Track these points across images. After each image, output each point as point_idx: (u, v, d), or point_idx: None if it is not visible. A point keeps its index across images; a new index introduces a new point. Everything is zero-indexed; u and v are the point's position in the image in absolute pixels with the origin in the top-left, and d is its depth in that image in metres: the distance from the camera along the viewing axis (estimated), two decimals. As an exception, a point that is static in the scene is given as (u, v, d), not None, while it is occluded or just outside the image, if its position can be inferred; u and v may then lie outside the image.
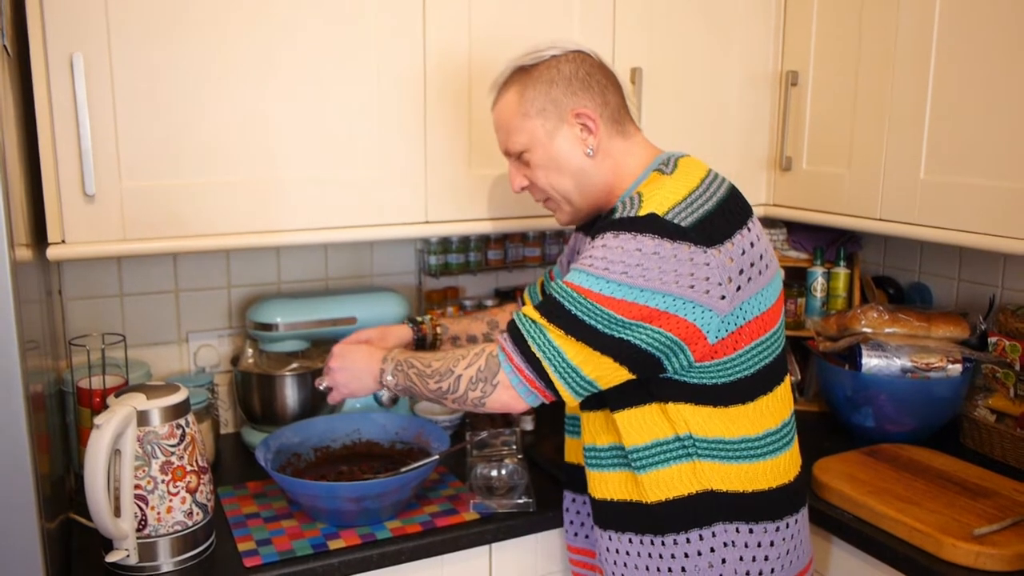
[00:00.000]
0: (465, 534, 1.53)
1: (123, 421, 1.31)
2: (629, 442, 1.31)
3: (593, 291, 1.21)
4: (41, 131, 1.39)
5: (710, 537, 1.30)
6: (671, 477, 1.30)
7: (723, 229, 1.23)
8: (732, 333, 1.24)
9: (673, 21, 1.86)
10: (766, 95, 1.99)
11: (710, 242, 1.21)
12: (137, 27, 1.43)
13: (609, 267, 1.20)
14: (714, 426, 1.29)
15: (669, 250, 1.19)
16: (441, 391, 1.32)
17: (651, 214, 1.22)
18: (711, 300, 1.21)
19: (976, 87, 1.56)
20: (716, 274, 1.21)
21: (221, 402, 1.98)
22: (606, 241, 1.23)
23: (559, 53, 1.36)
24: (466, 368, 1.29)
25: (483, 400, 1.28)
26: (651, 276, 1.19)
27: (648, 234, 1.20)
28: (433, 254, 2.07)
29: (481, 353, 1.29)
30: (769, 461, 1.32)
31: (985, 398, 1.86)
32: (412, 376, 1.35)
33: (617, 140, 1.37)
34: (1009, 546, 1.39)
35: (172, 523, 1.37)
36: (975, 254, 1.99)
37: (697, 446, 1.29)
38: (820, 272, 2.12)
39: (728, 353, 1.26)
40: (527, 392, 1.25)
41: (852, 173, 1.81)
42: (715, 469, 1.29)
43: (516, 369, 1.25)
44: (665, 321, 1.20)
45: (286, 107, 1.56)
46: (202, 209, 1.52)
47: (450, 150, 1.70)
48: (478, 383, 1.28)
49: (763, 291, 1.27)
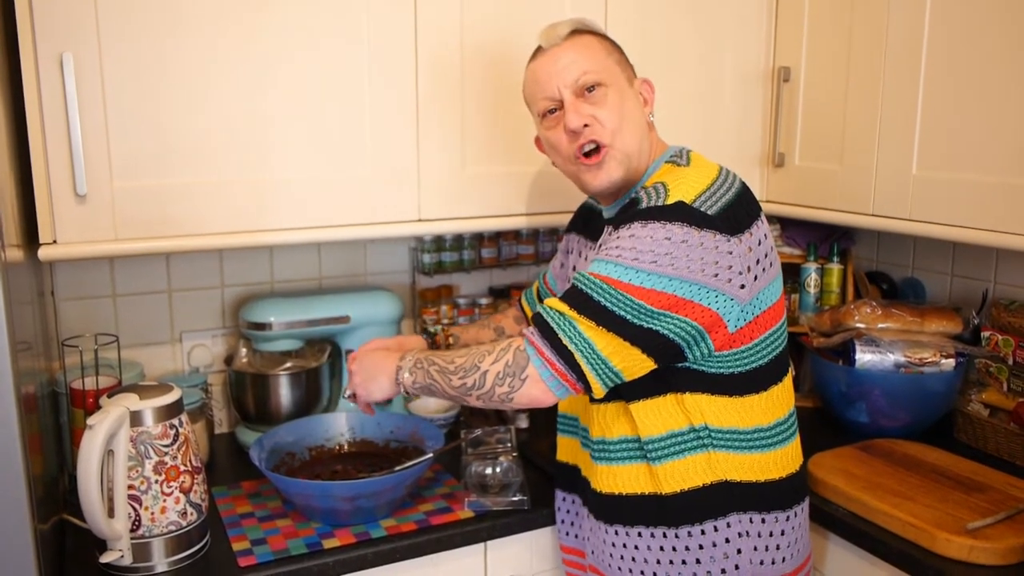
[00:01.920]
0: (460, 532, 1.53)
1: (116, 421, 1.31)
2: (645, 433, 1.32)
3: (623, 281, 1.21)
4: (32, 131, 1.39)
5: (725, 528, 1.31)
6: (687, 468, 1.31)
7: (743, 219, 1.25)
8: (749, 322, 1.27)
9: (665, 18, 1.86)
10: (758, 91, 1.99)
11: (733, 231, 1.23)
12: (127, 26, 1.42)
13: (639, 256, 1.21)
14: (729, 416, 1.30)
15: (696, 238, 1.20)
16: (466, 387, 1.29)
17: (679, 202, 1.23)
18: (733, 288, 1.23)
19: (967, 82, 1.56)
20: (738, 263, 1.22)
21: (215, 402, 1.98)
22: (634, 231, 1.23)
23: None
24: (493, 363, 1.27)
25: (511, 395, 1.26)
26: (679, 264, 1.20)
27: (677, 222, 1.21)
28: (427, 252, 2.07)
29: (508, 348, 1.27)
30: (779, 451, 1.34)
31: (978, 392, 1.86)
32: (433, 373, 1.33)
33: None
34: (1002, 540, 1.39)
35: (166, 523, 1.37)
36: (968, 249, 2.00)
37: (712, 436, 1.30)
38: (813, 268, 2.12)
39: (746, 342, 1.28)
40: (557, 385, 1.24)
41: (845, 169, 1.81)
42: (729, 459, 1.31)
43: (547, 362, 1.23)
44: (690, 310, 1.21)
45: (278, 106, 1.55)
46: (194, 209, 1.52)
47: (443, 148, 1.70)
48: (505, 378, 1.25)
49: (772, 283, 1.30)
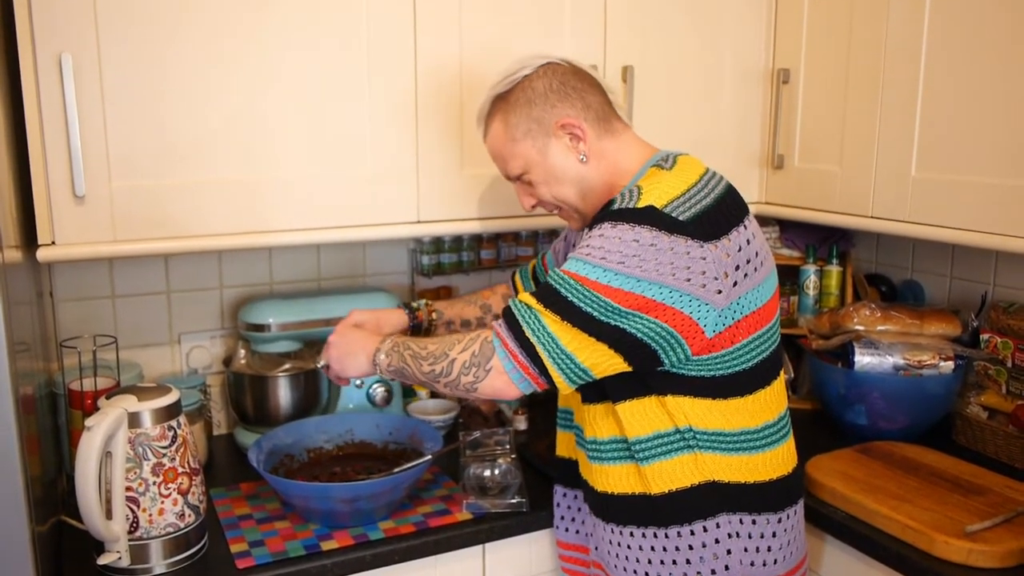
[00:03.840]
0: (458, 534, 1.53)
1: (114, 423, 1.31)
2: (632, 434, 1.32)
3: (590, 279, 1.21)
4: (30, 132, 1.39)
5: (714, 528, 1.31)
6: (674, 469, 1.31)
7: (720, 225, 1.24)
8: (729, 327, 1.26)
9: (664, 19, 1.86)
10: (758, 93, 1.99)
11: (707, 237, 1.22)
12: (126, 27, 1.42)
13: (606, 256, 1.21)
14: (713, 418, 1.30)
15: (666, 243, 1.20)
16: (434, 374, 1.32)
17: (649, 206, 1.22)
18: (708, 294, 1.22)
19: (967, 83, 1.56)
20: (713, 268, 1.22)
21: (213, 403, 1.97)
22: (604, 231, 1.23)
23: (530, 71, 1.38)
24: (460, 352, 1.29)
25: (475, 385, 1.28)
26: (648, 267, 1.20)
27: (646, 226, 1.21)
28: (426, 254, 2.07)
29: (476, 338, 1.29)
30: (768, 453, 1.34)
31: (977, 395, 1.86)
32: (407, 357, 1.35)
33: (607, 139, 1.38)
34: (1001, 543, 1.39)
35: (164, 525, 1.36)
36: (967, 251, 2.00)
37: (697, 438, 1.30)
38: (812, 270, 2.12)
39: (726, 347, 1.27)
40: (520, 378, 1.26)
41: (844, 171, 1.81)
42: (716, 460, 1.31)
43: (510, 354, 1.25)
44: (662, 312, 1.21)
45: (277, 107, 1.55)
46: (193, 209, 1.51)
47: (442, 150, 1.70)
48: (471, 367, 1.28)
49: (759, 287, 1.28)
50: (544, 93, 1.37)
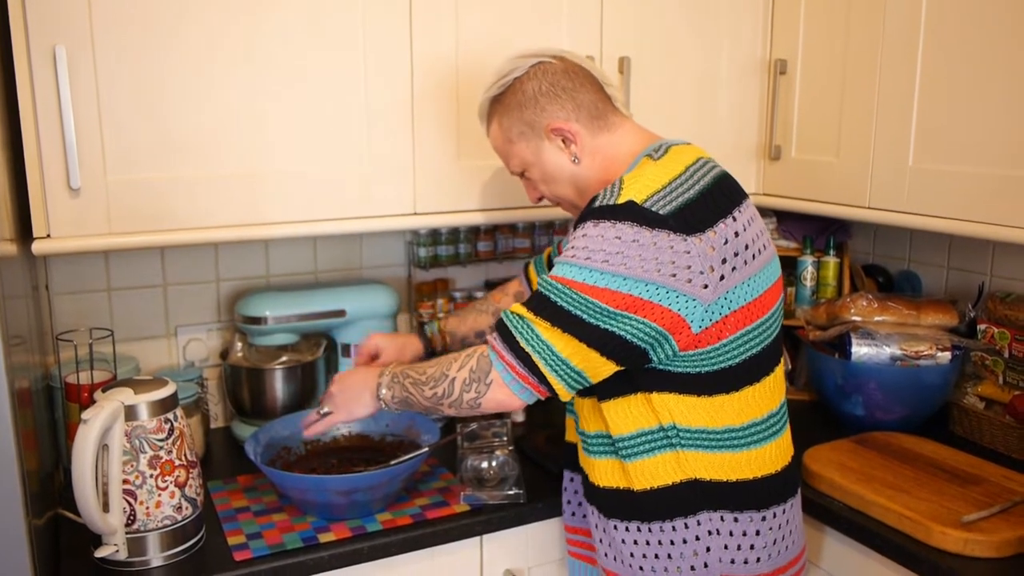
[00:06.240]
0: (456, 526, 1.53)
1: (110, 416, 1.31)
2: (616, 431, 1.32)
3: (576, 281, 1.21)
4: (24, 125, 1.38)
5: (695, 525, 1.30)
6: (656, 466, 1.30)
7: (704, 218, 1.22)
8: (716, 322, 1.23)
9: (661, 10, 1.85)
10: (755, 84, 1.98)
11: (690, 230, 1.20)
12: (121, 19, 1.41)
13: (591, 256, 1.20)
14: (698, 416, 1.28)
15: (648, 238, 1.19)
16: (436, 396, 1.31)
17: (629, 202, 1.21)
18: (693, 289, 1.20)
19: (964, 74, 1.56)
20: (697, 263, 1.20)
21: (210, 396, 1.97)
22: (586, 230, 1.22)
23: (520, 74, 1.38)
24: (459, 370, 1.29)
25: (478, 400, 1.28)
26: (632, 264, 1.18)
27: (627, 222, 1.20)
28: (422, 246, 2.07)
29: (472, 354, 1.29)
30: (753, 451, 1.31)
31: (974, 385, 1.87)
32: (408, 386, 1.35)
33: (603, 136, 1.37)
34: (997, 533, 1.39)
35: (161, 517, 1.36)
36: (964, 242, 2.00)
37: (680, 436, 1.29)
38: (810, 261, 2.12)
39: (712, 342, 1.25)
40: (521, 388, 1.25)
41: (841, 161, 1.81)
42: (698, 458, 1.29)
43: (508, 366, 1.24)
44: (649, 311, 1.19)
45: (273, 99, 1.55)
46: (189, 202, 1.51)
47: (438, 141, 1.70)
48: (472, 384, 1.27)
49: (751, 279, 1.25)
50: (534, 96, 1.37)
